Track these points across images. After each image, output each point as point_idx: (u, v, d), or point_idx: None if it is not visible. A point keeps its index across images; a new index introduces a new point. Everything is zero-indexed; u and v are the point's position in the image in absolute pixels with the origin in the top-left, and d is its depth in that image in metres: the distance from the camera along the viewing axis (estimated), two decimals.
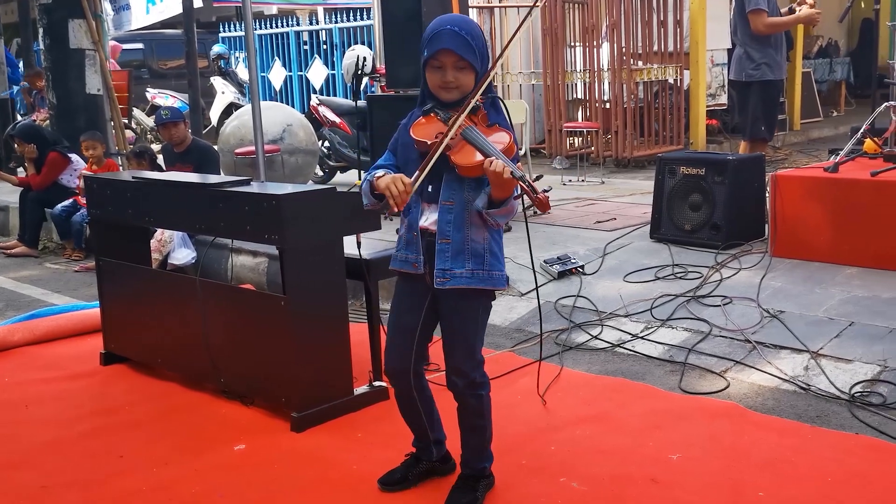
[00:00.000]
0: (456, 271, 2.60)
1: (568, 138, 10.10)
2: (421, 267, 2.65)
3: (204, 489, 3.02)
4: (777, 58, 6.57)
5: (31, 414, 3.80)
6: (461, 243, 2.60)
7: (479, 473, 2.84)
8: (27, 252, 7.41)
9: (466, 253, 2.60)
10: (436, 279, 2.61)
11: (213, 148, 7.05)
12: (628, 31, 9.37)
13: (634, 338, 4.32)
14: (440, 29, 2.55)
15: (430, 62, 2.57)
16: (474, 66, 2.56)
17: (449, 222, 2.59)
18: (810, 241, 4.91)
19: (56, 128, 8.18)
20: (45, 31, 8.03)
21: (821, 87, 13.84)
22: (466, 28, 2.55)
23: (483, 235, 2.62)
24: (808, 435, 3.23)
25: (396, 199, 2.46)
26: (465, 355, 2.69)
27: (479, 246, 2.61)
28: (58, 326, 4.85)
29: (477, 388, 2.74)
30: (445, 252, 2.60)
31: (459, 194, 2.58)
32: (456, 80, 2.57)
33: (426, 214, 2.64)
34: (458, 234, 2.59)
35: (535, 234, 6.10)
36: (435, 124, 2.59)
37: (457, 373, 2.70)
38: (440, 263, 2.60)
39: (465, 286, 2.61)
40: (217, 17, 17.44)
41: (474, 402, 2.75)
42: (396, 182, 2.47)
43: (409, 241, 2.67)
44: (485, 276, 2.63)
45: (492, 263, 2.64)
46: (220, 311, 3.77)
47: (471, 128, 2.54)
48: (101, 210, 4.32)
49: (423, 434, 2.93)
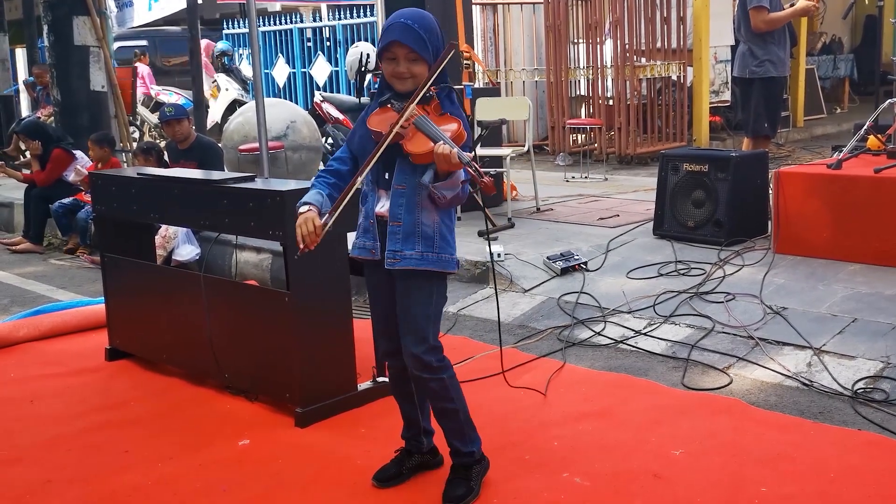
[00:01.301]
0: (406, 252, 2.65)
1: (571, 135, 10.11)
2: (378, 253, 2.71)
3: (208, 484, 3.03)
4: (780, 54, 6.56)
5: (35, 409, 3.82)
6: (412, 226, 2.65)
7: (469, 459, 2.85)
8: (32, 248, 7.43)
9: (417, 235, 2.66)
10: (386, 260, 2.67)
11: (217, 144, 7.06)
12: (632, 27, 9.37)
13: (637, 334, 4.32)
14: (394, 22, 2.64)
15: (384, 54, 2.66)
16: (426, 59, 2.63)
17: (400, 205, 2.65)
18: (813, 237, 4.91)
19: (60, 124, 8.20)
20: (50, 27, 8.05)
21: (824, 84, 13.81)
22: (420, 22, 2.63)
23: (434, 219, 2.67)
24: (810, 431, 3.24)
25: (305, 238, 2.58)
26: (415, 339, 2.71)
27: (430, 229, 2.67)
28: (62, 322, 4.87)
29: (434, 371, 2.74)
30: (396, 234, 2.66)
31: (411, 178, 2.64)
32: (409, 71, 2.64)
33: (382, 201, 2.71)
34: (409, 216, 2.65)
35: (537, 230, 6.11)
36: (389, 114, 2.67)
37: (409, 356, 2.73)
38: (391, 245, 2.67)
39: (415, 267, 2.66)
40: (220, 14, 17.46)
41: (435, 386, 2.76)
42: (308, 223, 2.57)
43: (367, 229, 2.73)
44: (434, 259, 2.68)
45: (441, 246, 2.69)
46: (224, 306, 3.78)
47: (423, 117, 2.61)
48: (107, 206, 4.33)
49: (415, 422, 2.95)
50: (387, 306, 2.78)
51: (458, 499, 2.77)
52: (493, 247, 5.31)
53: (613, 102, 9.64)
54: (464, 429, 2.84)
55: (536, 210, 6.77)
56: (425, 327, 2.71)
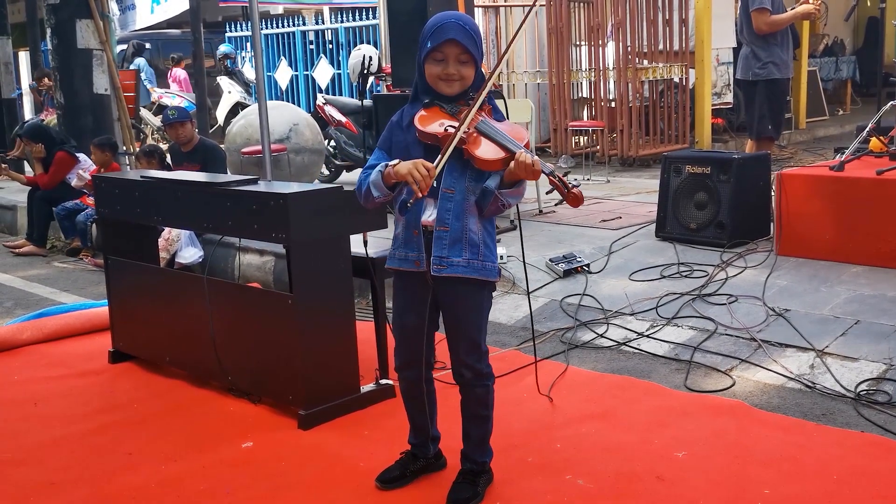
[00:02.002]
0: (453, 260, 2.62)
1: (573, 137, 10.11)
2: (423, 264, 2.65)
3: (211, 486, 3.04)
4: (783, 56, 6.57)
5: (39, 411, 3.83)
6: (459, 232, 2.61)
7: (480, 468, 2.86)
8: (35, 251, 7.44)
9: (464, 242, 2.62)
10: (432, 266, 2.62)
11: (220, 147, 7.08)
12: (634, 29, 9.37)
13: (640, 336, 4.33)
14: (445, 21, 2.58)
15: (431, 54, 2.59)
16: (475, 61, 2.59)
17: (448, 210, 2.61)
18: (816, 239, 4.91)
19: (63, 127, 8.21)
20: (53, 30, 8.06)
21: (826, 86, 13.81)
22: (469, 23, 2.60)
23: (479, 226, 2.64)
24: (813, 433, 3.24)
25: (420, 183, 2.46)
26: (470, 346, 2.71)
27: (476, 236, 2.64)
28: (66, 325, 4.88)
29: (484, 378, 2.77)
30: (443, 240, 2.61)
31: (461, 183, 2.60)
32: (458, 73, 2.60)
33: (429, 210, 2.64)
34: (457, 222, 2.61)
35: (540, 232, 6.11)
36: (440, 116, 2.59)
37: (464, 364, 2.73)
38: (437, 251, 2.62)
39: (462, 275, 2.63)
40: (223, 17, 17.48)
41: (481, 391, 2.78)
42: (419, 167, 2.46)
43: (409, 239, 2.67)
44: (479, 267, 2.65)
45: (486, 254, 2.67)
46: (227, 309, 3.79)
47: (485, 120, 2.56)
48: (110, 209, 4.34)
49: (424, 429, 2.95)
50: (417, 319, 2.73)
51: (465, 501, 2.78)
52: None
53: (615, 105, 9.64)
54: (487, 437, 2.86)
55: (539, 212, 6.77)
56: (478, 336, 2.72)
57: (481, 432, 2.85)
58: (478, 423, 2.83)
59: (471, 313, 2.70)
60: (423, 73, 2.64)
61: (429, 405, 2.90)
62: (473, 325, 2.71)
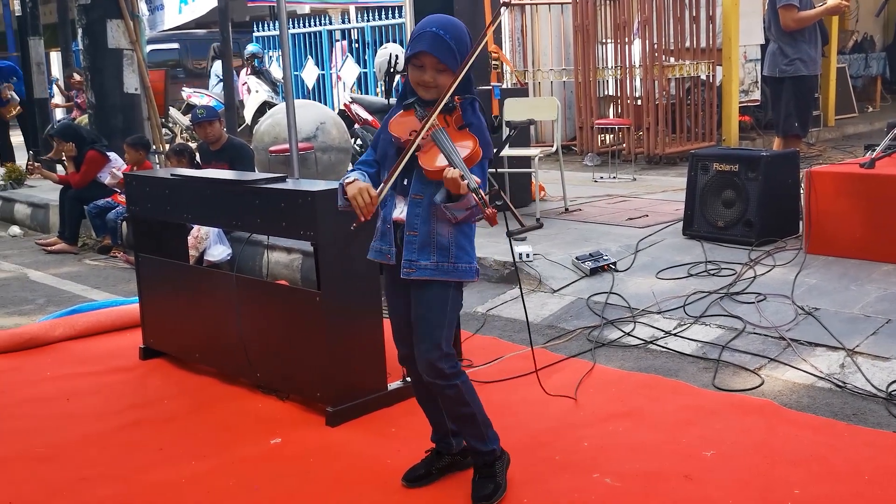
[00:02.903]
0: (421, 263, 2.66)
1: (599, 135, 10.08)
2: (393, 258, 2.72)
3: (240, 481, 3.07)
4: (811, 53, 6.51)
5: (71, 407, 3.88)
6: (427, 236, 2.66)
7: (491, 457, 2.85)
8: (67, 249, 7.54)
9: (432, 246, 2.66)
10: (402, 269, 2.68)
11: (248, 146, 7.13)
12: (660, 27, 9.32)
13: (667, 335, 4.31)
14: (424, 30, 2.61)
15: (412, 60, 2.65)
16: (454, 69, 2.62)
17: (417, 215, 2.65)
18: (845, 237, 4.86)
19: (94, 126, 8.31)
20: (84, 31, 8.16)
21: (856, 83, 13.66)
22: (451, 32, 2.60)
23: (449, 229, 2.67)
24: (843, 433, 3.21)
25: (363, 209, 2.56)
26: (428, 346, 2.71)
27: (445, 239, 2.67)
28: (98, 321, 4.94)
29: (448, 378, 2.74)
30: (413, 244, 2.66)
31: (428, 189, 2.63)
32: (434, 81, 2.63)
33: (400, 206, 2.70)
34: (424, 226, 2.65)
35: (566, 230, 6.10)
36: (411, 120, 2.67)
37: (423, 363, 2.73)
38: (407, 254, 2.67)
39: (430, 278, 2.67)
40: (250, 17, 17.60)
41: (451, 392, 2.76)
42: (363, 193, 2.56)
43: (384, 233, 2.74)
44: (449, 269, 2.67)
45: (458, 256, 2.69)
46: (255, 306, 3.82)
47: (440, 130, 2.60)
48: (141, 207, 4.39)
49: (440, 424, 2.96)
50: (404, 311, 2.79)
51: (488, 497, 2.78)
52: (521, 247, 5.32)
53: (642, 102, 9.60)
54: (481, 429, 2.84)
55: (565, 210, 6.76)
56: (439, 335, 2.71)
57: (473, 428, 2.83)
58: (463, 420, 2.82)
59: (431, 312, 2.71)
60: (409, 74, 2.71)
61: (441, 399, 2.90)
62: (435, 324, 2.70)
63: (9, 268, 7.04)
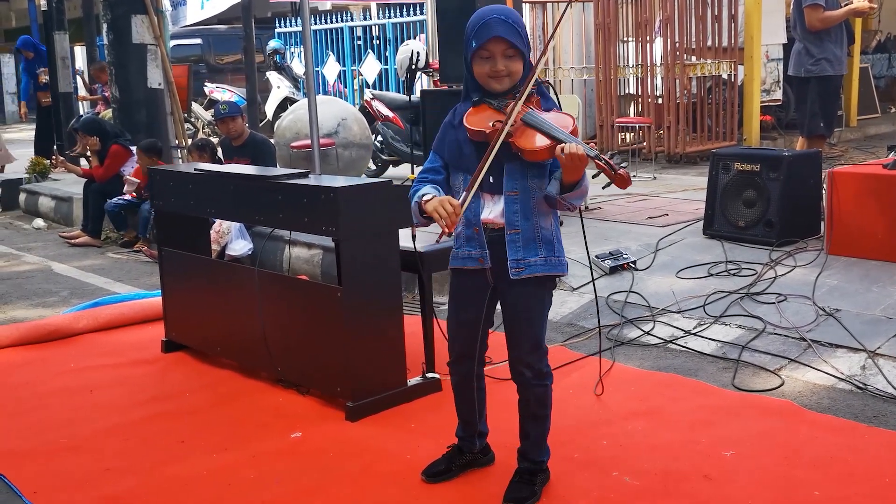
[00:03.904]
0: (530, 260, 2.61)
1: (620, 134, 10.05)
2: (487, 261, 2.65)
3: (261, 475, 3.10)
4: (837, 53, 6.47)
5: (94, 399, 3.93)
6: (531, 231, 2.61)
7: (538, 467, 2.86)
8: (90, 242, 7.61)
9: (538, 240, 2.62)
10: (510, 270, 2.61)
11: (270, 141, 7.17)
12: (682, 25, 9.28)
13: (687, 334, 4.30)
14: (487, 18, 2.56)
15: (478, 52, 2.58)
16: (522, 53, 2.58)
17: (516, 212, 2.60)
18: (868, 238, 4.83)
19: (118, 121, 8.38)
20: (109, 26, 8.22)
21: (878, 83, 13.55)
22: (512, 16, 2.58)
23: (550, 222, 2.64)
24: (864, 435, 3.20)
25: (446, 220, 2.47)
26: (532, 345, 2.70)
27: (548, 232, 2.63)
28: (121, 314, 4.99)
29: (544, 377, 2.76)
30: (516, 242, 2.61)
31: (523, 183, 2.59)
32: (507, 68, 2.59)
33: (488, 207, 2.64)
34: (526, 222, 2.60)
35: (586, 229, 6.08)
36: (488, 113, 2.59)
37: (524, 363, 2.71)
38: (512, 254, 2.61)
39: (541, 273, 2.62)
40: (272, 13, 17.66)
41: (541, 391, 2.76)
42: (444, 204, 2.47)
43: (470, 237, 2.67)
44: (556, 263, 2.65)
45: (559, 250, 2.67)
46: (277, 301, 3.85)
47: (531, 112, 2.54)
48: (164, 201, 4.43)
49: (472, 424, 2.96)
50: (474, 315, 2.74)
51: (523, 500, 2.77)
52: None
53: (663, 101, 9.57)
54: (544, 436, 2.85)
55: (584, 208, 6.75)
56: (540, 334, 2.70)
57: (539, 431, 2.83)
58: (536, 422, 2.82)
59: (534, 311, 2.68)
60: (472, 71, 2.63)
61: (478, 401, 2.91)
62: (537, 324, 2.69)
63: (33, 260, 7.12)
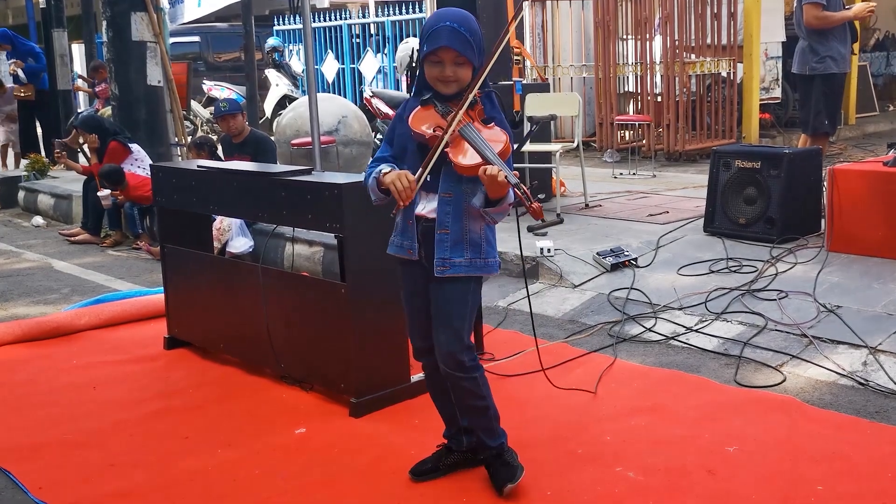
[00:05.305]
0: (455, 260, 2.68)
1: (619, 131, 10.07)
2: (416, 253, 2.73)
3: (266, 470, 3.11)
4: (842, 50, 6.47)
5: (98, 395, 3.93)
6: (459, 233, 2.68)
7: (499, 450, 2.87)
8: (90, 239, 7.61)
9: (465, 243, 2.68)
10: (436, 268, 2.69)
11: (270, 138, 7.17)
12: (681, 23, 9.30)
13: (689, 331, 4.32)
14: (439, 25, 2.60)
15: (429, 56, 2.64)
16: (472, 62, 2.63)
17: (448, 213, 2.67)
18: (868, 235, 4.85)
19: (118, 118, 8.37)
20: (108, 23, 8.21)
21: (877, 81, 13.57)
22: (465, 25, 2.61)
23: (479, 226, 2.70)
24: (866, 430, 3.21)
25: (402, 194, 2.56)
26: (450, 338, 2.73)
27: (477, 235, 2.70)
28: (123, 311, 5.00)
29: (468, 371, 2.76)
30: (445, 242, 2.68)
31: (457, 187, 2.65)
32: (455, 75, 2.64)
33: (422, 202, 2.71)
34: (456, 224, 2.67)
35: (587, 226, 6.11)
36: (433, 116, 2.65)
37: (444, 355, 2.75)
38: (440, 253, 2.68)
39: (464, 274, 2.69)
40: (270, 11, 17.65)
41: (468, 384, 2.78)
42: (402, 178, 2.56)
43: (405, 229, 2.75)
44: (481, 265, 2.71)
45: (487, 252, 2.73)
46: (280, 297, 3.85)
47: (469, 125, 2.59)
48: (167, 198, 4.43)
49: (452, 419, 2.98)
50: (422, 305, 2.80)
51: (511, 478, 2.80)
52: (542, 242, 5.36)
53: (662, 99, 9.58)
54: (492, 423, 2.87)
55: (585, 206, 6.77)
56: (460, 327, 2.74)
57: (484, 421, 2.85)
58: (475, 413, 2.84)
59: (455, 308, 2.73)
60: (423, 71, 2.70)
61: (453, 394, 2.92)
62: (458, 320, 2.73)
63: (33, 257, 7.12)
